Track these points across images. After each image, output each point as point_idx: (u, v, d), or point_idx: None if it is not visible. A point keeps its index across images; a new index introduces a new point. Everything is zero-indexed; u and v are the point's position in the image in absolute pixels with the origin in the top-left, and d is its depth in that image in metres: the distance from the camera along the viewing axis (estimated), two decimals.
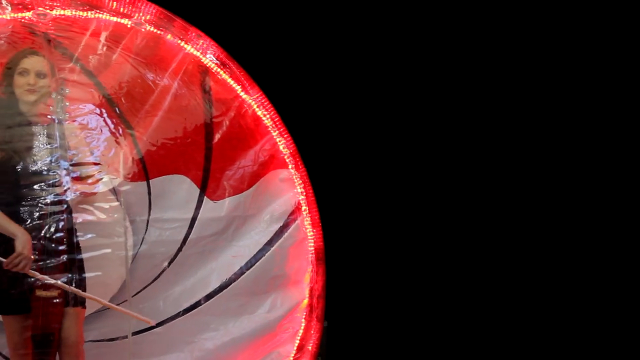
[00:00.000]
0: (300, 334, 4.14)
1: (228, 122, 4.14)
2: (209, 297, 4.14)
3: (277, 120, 4.14)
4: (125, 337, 4.02)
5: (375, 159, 4.54)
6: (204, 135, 4.14)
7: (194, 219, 4.13)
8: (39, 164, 3.56)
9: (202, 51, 4.09)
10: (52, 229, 3.56)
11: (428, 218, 4.55)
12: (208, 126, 4.14)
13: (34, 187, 3.55)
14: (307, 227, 4.16)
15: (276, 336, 4.15)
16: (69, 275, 3.60)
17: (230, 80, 4.12)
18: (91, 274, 3.73)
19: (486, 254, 4.56)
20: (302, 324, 4.14)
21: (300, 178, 4.13)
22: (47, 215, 3.57)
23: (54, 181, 3.57)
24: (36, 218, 3.54)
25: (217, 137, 4.15)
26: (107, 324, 4.06)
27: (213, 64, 4.11)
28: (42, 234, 3.54)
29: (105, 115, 3.84)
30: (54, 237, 3.58)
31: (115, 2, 3.94)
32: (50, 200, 3.57)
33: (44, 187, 3.56)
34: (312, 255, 4.13)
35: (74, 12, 3.83)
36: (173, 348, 4.11)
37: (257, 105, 4.14)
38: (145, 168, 4.07)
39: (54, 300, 3.54)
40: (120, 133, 3.91)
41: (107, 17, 3.93)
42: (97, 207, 3.76)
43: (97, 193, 3.76)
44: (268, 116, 4.15)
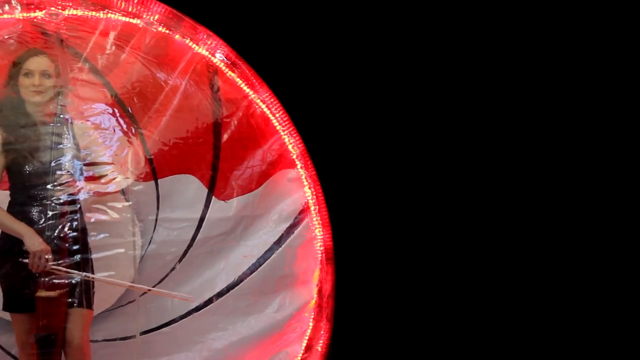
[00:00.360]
0: (308, 334, 4.14)
1: (236, 122, 4.14)
2: (217, 296, 4.14)
3: (285, 119, 4.14)
4: (133, 336, 4.02)
5: (385, 158, 4.52)
6: (213, 134, 4.14)
7: (202, 219, 4.13)
8: (52, 163, 3.55)
9: (211, 51, 4.08)
10: (65, 229, 3.56)
11: (438, 218, 4.54)
12: (216, 126, 4.14)
13: (47, 187, 3.54)
14: (315, 227, 4.15)
15: (284, 336, 4.15)
16: (83, 274, 3.59)
17: (238, 80, 4.12)
18: (104, 274, 3.73)
19: (497, 255, 4.55)
20: (310, 323, 4.14)
21: (309, 177, 4.13)
22: (61, 215, 3.56)
23: (67, 181, 3.56)
24: (49, 218, 3.53)
25: (225, 136, 4.14)
26: (115, 324, 4.06)
27: (222, 64, 4.10)
28: (55, 234, 3.53)
29: (117, 114, 3.83)
30: (68, 236, 3.57)
31: (124, 2, 3.93)
32: (63, 200, 3.57)
33: (58, 187, 3.55)
34: (322, 255, 4.12)
35: (85, 12, 3.82)
36: (181, 347, 4.11)
37: (266, 104, 4.14)
38: (154, 168, 4.05)
39: (55, 300, 3.52)
40: (133, 132, 3.91)
41: (116, 16, 3.92)
42: (110, 207, 3.76)
43: (110, 193, 3.75)
44: (276, 116, 4.15)
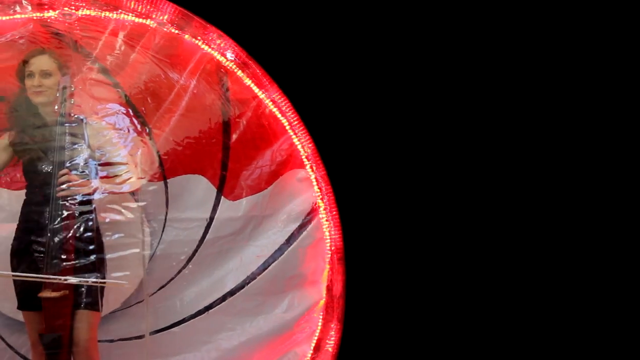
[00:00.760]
0: (317, 334, 4.14)
1: (245, 122, 4.14)
2: (226, 297, 4.14)
3: (295, 119, 4.13)
4: (142, 336, 4.01)
5: (396, 158, 4.49)
6: (222, 134, 4.14)
7: (211, 219, 4.13)
8: (67, 163, 3.53)
9: (220, 51, 4.08)
10: (81, 229, 3.55)
11: (450, 218, 4.52)
12: (226, 125, 4.14)
13: (63, 187, 3.52)
14: (324, 227, 4.16)
15: (293, 336, 4.15)
16: (98, 275, 3.59)
17: (248, 80, 4.11)
18: (119, 274, 3.73)
19: (510, 256, 4.55)
20: (319, 324, 4.14)
21: (320, 177, 4.13)
22: (75, 215, 3.55)
23: (82, 181, 3.55)
24: (65, 218, 3.51)
25: (234, 136, 4.14)
26: (124, 324, 4.05)
27: (231, 64, 4.10)
28: (71, 234, 3.52)
29: (132, 114, 3.82)
30: (83, 236, 3.56)
31: (134, 2, 3.92)
32: (79, 200, 3.55)
33: (73, 186, 3.54)
34: (334, 255, 4.12)
35: (98, 13, 3.81)
36: (190, 348, 4.11)
37: (275, 104, 4.13)
38: (163, 167, 4.05)
39: (59, 301, 3.51)
40: (147, 132, 3.91)
41: (126, 17, 3.91)
42: (125, 207, 3.75)
43: (123, 193, 3.75)
44: (286, 116, 4.14)
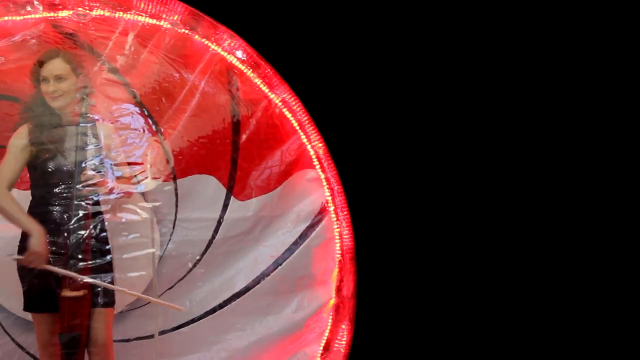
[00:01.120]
0: (327, 334, 4.15)
1: (255, 122, 4.14)
2: (235, 297, 4.14)
3: (306, 119, 4.13)
4: (151, 336, 4.01)
5: (408, 157, 4.49)
6: (232, 134, 4.14)
7: (220, 219, 4.13)
8: (83, 163, 3.52)
9: (230, 51, 4.08)
10: (97, 229, 3.54)
11: (463, 218, 4.52)
12: (236, 126, 4.14)
13: (78, 187, 3.51)
14: (334, 227, 4.16)
15: (302, 336, 4.16)
16: (114, 275, 3.58)
17: (257, 80, 4.12)
18: (135, 274, 3.73)
19: (522, 258, 4.55)
20: (329, 324, 4.15)
21: (331, 177, 4.13)
22: (92, 215, 3.54)
23: (98, 181, 3.54)
24: (81, 218, 3.50)
25: (244, 136, 4.14)
26: (133, 324, 4.05)
27: (241, 64, 4.10)
28: (87, 234, 3.51)
29: (146, 114, 3.82)
30: (99, 236, 3.55)
31: (144, 3, 3.91)
32: (95, 200, 3.54)
33: (89, 186, 3.53)
34: (347, 255, 4.13)
35: (111, 13, 3.81)
36: (199, 348, 4.11)
37: (285, 104, 4.14)
38: (173, 168, 4.04)
39: (80, 300, 3.50)
40: (162, 132, 3.91)
41: (138, 17, 3.91)
42: (141, 207, 3.75)
43: (136, 193, 3.74)
44: (296, 116, 4.15)
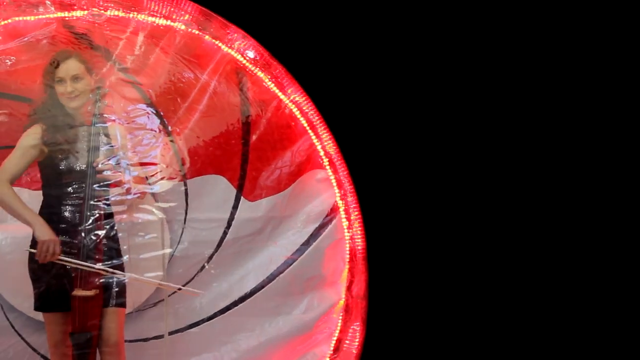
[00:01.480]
0: (336, 335, 4.15)
1: (265, 122, 4.14)
2: (245, 297, 4.14)
3: (317, 119, 4.13)
4: (161, 336, 4.01)
5: (420, 157, 4.46)
6: (242, 135, 4.14)
7: (230, 220, 4.13)
8: (100, 164, 3.51)
9: (241, 51, 4.07)
10: (111, 230, 3.53)
11: (473, 218, 4.52)
12: (246, 126, 4.14)
13: (95, 187, 3.50)
14: (344, 228, 4.17)
15: (312, 337, 4.17)
16: (130, 274, 3.58)
17: (267, 80, 4.11)
18: (152, 274, 3.72)
19: (536, 256, 4.55)
20: (339, 324, 4.16)
21: (341, 177, 4.13)
22: (108, 215, 3.54)
23: (115, 181, 3.53)
24: (97, 219, 3.50)
25: (254, 137, 4.14)
26: (143, 324, 4.05)
27: (251, 64, 4.09)
28: (102, 234, 3.50)
29: (162, 115, 3.82)
30: (116, 237, 3.55)
31: (154, 3, 3.90)
32: (112, 200, 3.54)
33: (106, 187, 3.52)
34: (358, 255, 4.13)
35: (125, 14, 3.79)
36: (209, 348, 4.12)
37: (296, 105, 4.14)
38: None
39: (91, 300, 3.50)
40: (178, 132, 3.90)
41: (150, 18, 3.90)
42: (157, 207, 3.75)
43: (148, 193, 3.74)
44: (306, 116, 4.15)
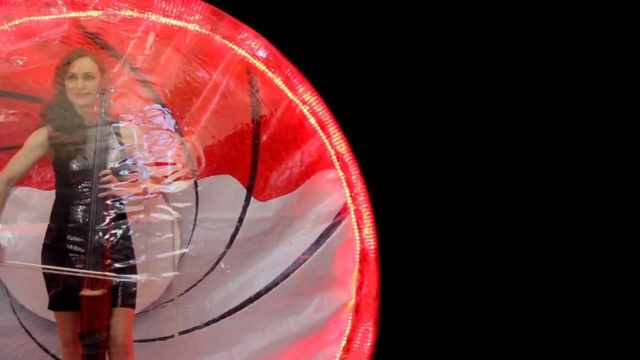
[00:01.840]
0: (347, 335, 4.15)
1: (276, 122, 4.14)
2: (255, 297, 4.14)
3: (328, 119, 4.13)
4: (171, 336, 4.00)
5: (432, 156, 4.48)
6: (252, 135, 4.14)
7: (241, 219, 4.13)
8: (116, 164, 3.50)
9: (251, 50, 4.07)
10: (131, 230, 3.52)
11: (486, 218, 4.52)
12: (256, 126, 4.13)
13: (112, 187, 3.49)
14: (354, 228, 4.17)
15: (322, 337, 4.17)
16: (146, 275, 3.57)
17: (278, 80, 4.11)
18: (168, 274, 3.71)
19: (549, 257, 4.57)
20: (349, 324, 4.16)
21: (353, 177, 4.13)
22: (125, 215, 3.53)
23: (132, 181, 3.52)
24: (114, 218, 3.49)
25: (265, 137, 4.14)
26: (153, 324, 4.04)
27: (262, 64, 4.09)
28: (120, 234, 3.49)
29: (177, 115, 3.81)
30: (126, 237, 3.54)
31: (165, 3, 3.90)
32: (128, 201, 3.52)
33: (122, 187, 3.51)
34: (370, 255, 4.13)
35: (139, 14, 3.78)
36: (219, 348, 4.11)
37: (306, 105, 4.13)
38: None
39: (99, 299, 3.49)
40: (193, 131, 3.89)
41: (162, 18, 3.89)
42: (174, 207, 3.74)
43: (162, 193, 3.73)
44: (316, 116, 4.15)
